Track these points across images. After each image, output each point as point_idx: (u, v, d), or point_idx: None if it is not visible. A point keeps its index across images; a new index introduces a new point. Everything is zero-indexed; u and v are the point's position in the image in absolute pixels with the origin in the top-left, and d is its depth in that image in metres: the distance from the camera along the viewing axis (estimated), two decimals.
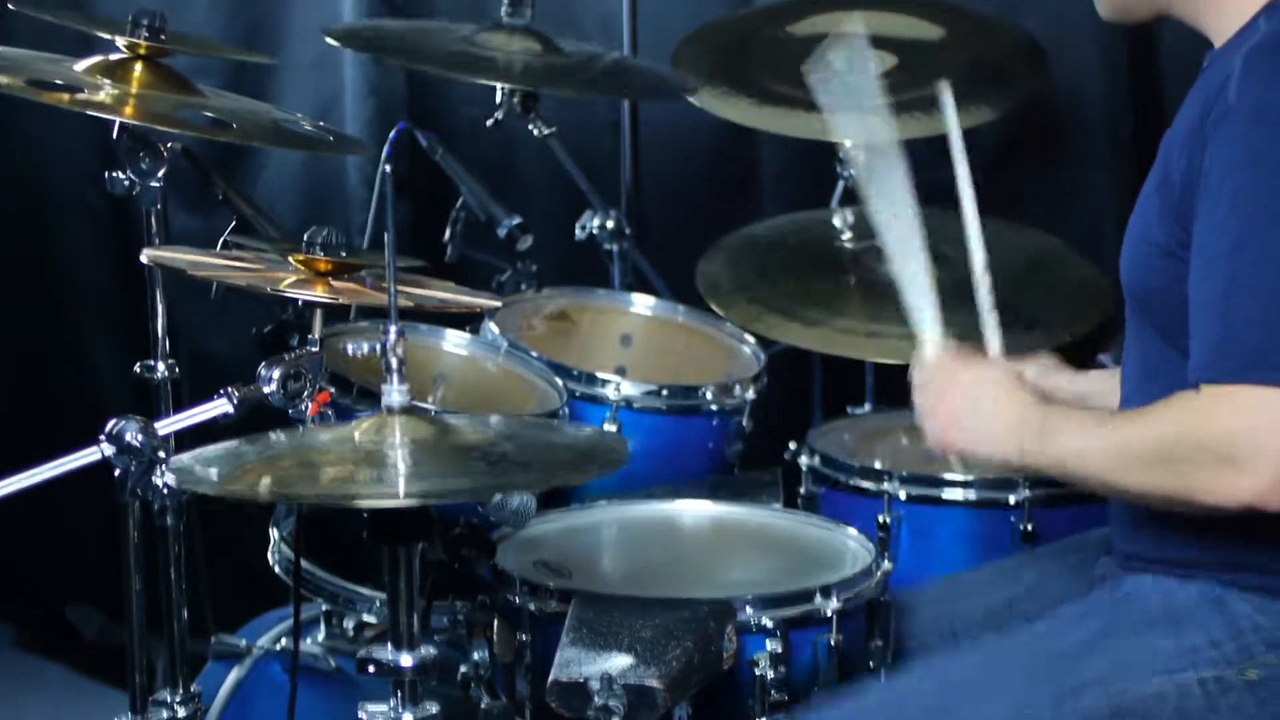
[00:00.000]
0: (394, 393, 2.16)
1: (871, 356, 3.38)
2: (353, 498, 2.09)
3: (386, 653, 2.19)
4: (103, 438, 2.36)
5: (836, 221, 3.60)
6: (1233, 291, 2.10)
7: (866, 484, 3.07)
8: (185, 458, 2.21)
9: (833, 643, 2.48)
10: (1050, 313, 3.33)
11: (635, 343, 3.43)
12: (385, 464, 2.11)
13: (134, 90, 2.64)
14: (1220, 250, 2.12)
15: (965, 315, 3.31)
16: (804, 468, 3.19)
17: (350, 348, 2.22)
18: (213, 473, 2.14)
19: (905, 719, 2.24)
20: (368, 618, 2.91)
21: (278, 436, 2.25)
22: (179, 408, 2.57)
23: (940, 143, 3.66)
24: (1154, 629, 2.23)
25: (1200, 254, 2.15)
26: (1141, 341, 2.35)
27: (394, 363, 2.16)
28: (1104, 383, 2.62)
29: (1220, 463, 2.08)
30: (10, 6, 2.83)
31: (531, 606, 2.48)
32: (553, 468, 2.30)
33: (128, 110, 2.58)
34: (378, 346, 2.17)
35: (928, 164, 3.89)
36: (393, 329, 2.15)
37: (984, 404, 2.33)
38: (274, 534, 2.90)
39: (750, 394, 3.20)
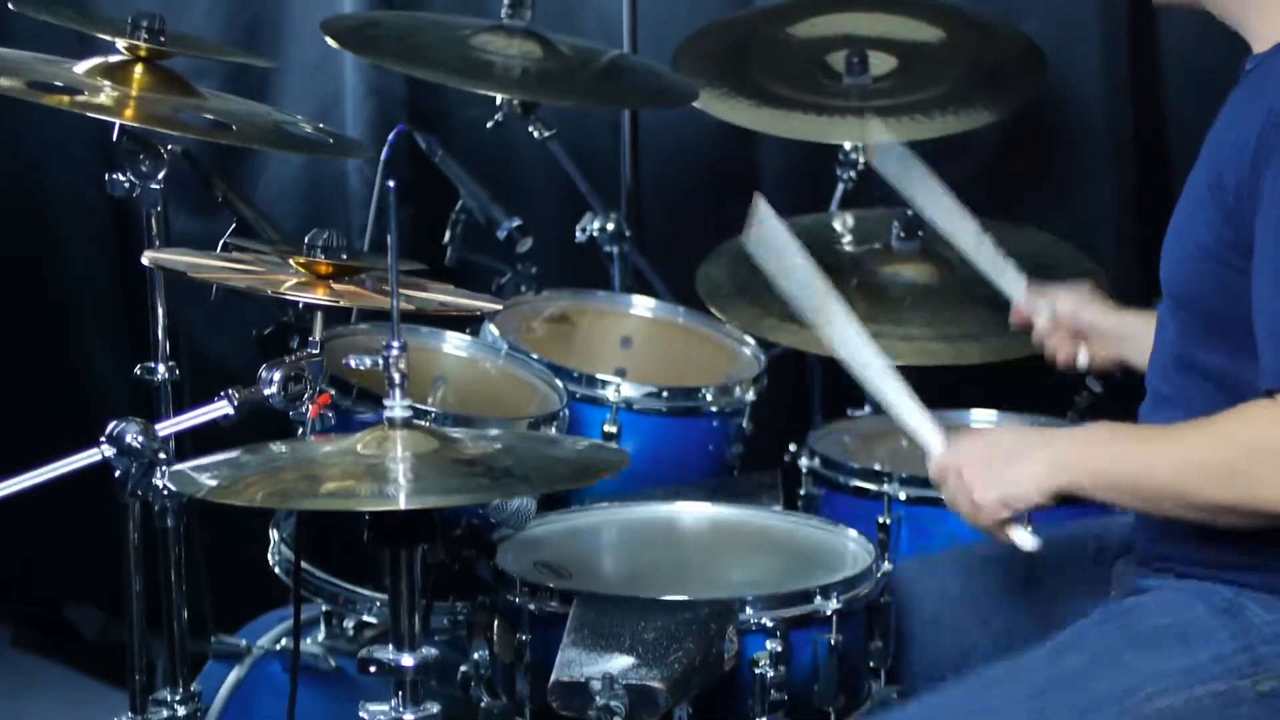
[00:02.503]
0: (396, 407, 2.17)
1: None
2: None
3: (388, 653, 2.19)
4: (103, 439, 2.37)
5: (837, 225, 3.61)
6: None
7: (866, 485, 3.07)
8: (185, 468, 2.21)
9: (833, 643, 2.48)
10: None
11: (635, 344, 3.43)
12: (386, 478, 2.11)
13: (134, 92, 2.64)
14: None
15: (966, 315, 3.33)
16: (804, 469, 3.19)
17: (353, 362, 2.22)
18: (212, 485, 2.15)
19: None
20: (368, 618, 2.91)
21: (279, 448, 2.26)
22: (179, 409, 2.58)
23: (941, 143, 3.68)
24: (1160, 646, 2.23)
25: (1270, 263, 2.12)
26: (1178, 338, 2.33)
27: (396, 378, 2.16)
28: (1142, 325, 2.59)
29: None
30: (10, 7, 2.82)
31: (532, 607, 2.48)
32: (554, 481, 2.34)
33: (128, 112, 2.58)
34: (380, 361, 2.17)
35: (927, 164, 3.91)
36: (395, 344, 2.15)
37: (1004, 443, 2.32)
38: (274, 535, 2.91)
39: (750, 396, 3.20)
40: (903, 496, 3.03)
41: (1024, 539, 2.32)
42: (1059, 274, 3.49)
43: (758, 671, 2.43)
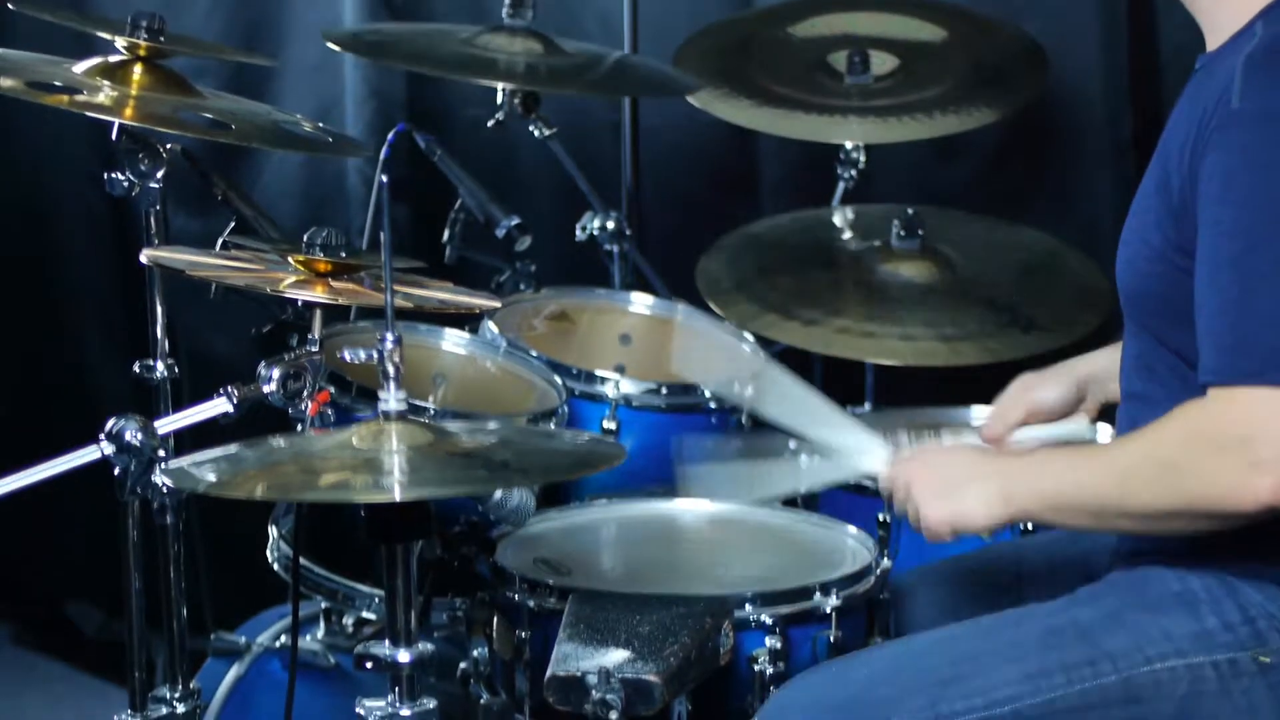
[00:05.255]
0: (391, 400, 2.17)
1: (867, 357, 3.38)
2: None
3: (384, 649, 2.19)
4: (102, 437, 2.37)
5: (837, 220, 3.61)
6: (1247, 294, 2.08)
7: (866, 482, 3.06)
8: (183, 463, 2.21)
9: (832, 640, 2.49)
10: (1049, 314, 3.33)
11: (634, 341, 3.43)
12: (382, 469, 2.11)
13: (133, 92, 2.64)
14: (1231, 254, 2.10)
15: (965, 314, 3.34)
16: None
17: (347, 354, 2.22)
18: (210, 479, 2.15)
19: (916, 683, 2.22)
20: (367, 614, 2.91)
21: (276, 441, 2.26)
22: (178, 407, 2.58)
23: (941, 142, 3.69)
24: (1169, 610, 2.24)
25: (1208, 258, 2.13)
26: (1138, 342, 2.35)
27: (391, 370, 2.16)
28: (1105, 365, 2.59)
29: (1239, 464, 2.06)
30: (10, 6, 2.83)
31: (531, 603, 2.49)
32: (550, 473, 2.33)
33: (127, 112, 2.58)
34: (375, 353, 2.17)
35: (928, 163, 3.92)
36: (389, 337, 2.16)
37: (957, 465, 2.34)
38: (273, 531, 2.91)
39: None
40: None
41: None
42: (1059, 274, 3.50)
43: (757, 668, 2.43)
